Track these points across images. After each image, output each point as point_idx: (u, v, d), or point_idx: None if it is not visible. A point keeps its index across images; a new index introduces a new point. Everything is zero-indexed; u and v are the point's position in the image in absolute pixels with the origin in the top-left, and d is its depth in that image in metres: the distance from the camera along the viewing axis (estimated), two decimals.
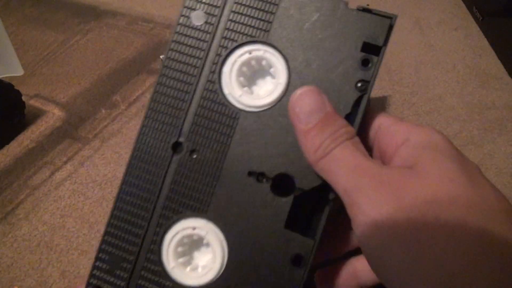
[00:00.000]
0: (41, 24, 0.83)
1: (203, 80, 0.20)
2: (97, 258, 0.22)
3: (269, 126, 0.19)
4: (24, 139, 0.59)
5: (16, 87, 0.59)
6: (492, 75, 0.61)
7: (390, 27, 0.19)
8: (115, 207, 0.21)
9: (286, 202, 0.19)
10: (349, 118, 0.19)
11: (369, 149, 0.20)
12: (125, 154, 0.55)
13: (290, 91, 0.19)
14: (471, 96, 0.58)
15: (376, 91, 0.61)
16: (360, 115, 0.19)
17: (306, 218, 0.20)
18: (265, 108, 0.20)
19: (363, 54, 0.19)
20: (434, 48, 0.67)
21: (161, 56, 0.45)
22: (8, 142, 0.59)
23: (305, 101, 0.18)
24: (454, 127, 0.54)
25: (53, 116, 0.63)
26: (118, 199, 0.21)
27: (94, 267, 0.22)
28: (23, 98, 0.61)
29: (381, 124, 0.19)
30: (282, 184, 0.19)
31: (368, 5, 0.20)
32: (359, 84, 0.19)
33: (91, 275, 0.22)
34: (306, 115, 0.18)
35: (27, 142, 0.59)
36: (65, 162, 0.55)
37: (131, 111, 0.62)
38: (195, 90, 0.20)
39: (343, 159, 0.17)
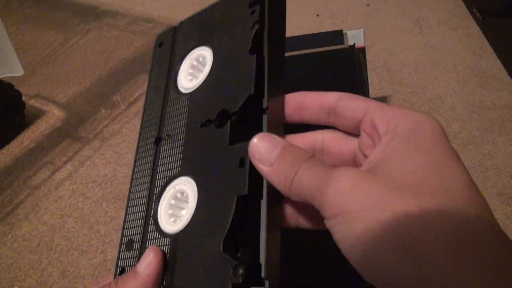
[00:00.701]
0: (41, 24, 0.83)
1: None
2: (121, 244, 0.25)
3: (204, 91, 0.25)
4: (24, 139, 0.59)
5: (16, 87, 0.59)
6: (492, 75, 0.61)
7: None
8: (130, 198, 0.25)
9: (225, 127, 0.22)
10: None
11: (356, 132, 0.21)
12: (125, 154, 0.55)
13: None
14: (471, 96, 0.58)
15: (376, 91, 0.61)
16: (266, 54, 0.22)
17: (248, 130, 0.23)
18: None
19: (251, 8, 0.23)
20: (434, 48, 0.67)
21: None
22: (8, 142, 0.59)
23: (261, 146, 0.20)
24: (454, 127, 0.54)
25: (53, 116, 0.63)
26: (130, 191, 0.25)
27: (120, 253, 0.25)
28: (23, 98, 0.61)
29: (370, 106, 0.20)
30: (223, 120, 0.23)
31: (368, 5, 0.20)
32: (252, 26, 0.23)
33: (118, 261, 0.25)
34: (265, 157, 0.19)
35: (27, 142, 0.59)
36: (65, 162, 0.55)
37: (131, 111, 0.62)
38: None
39: (305, 174, 0.18)
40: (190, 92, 0.25)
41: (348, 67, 0.45)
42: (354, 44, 0.45)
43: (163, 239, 0.22)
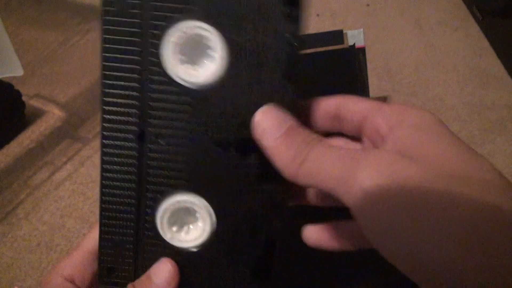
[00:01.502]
0: (41, 24, 0.83)
1: (147, 63, 0.21)
2: (100, 245, 0.23)
3: (219, 97, 0.21)
4: (24, 139, 0.59)
5: (16, 87, 0.59)
6: (492, 75, 0.61)
7: None
8: (102, 201, 0.22)
9: (248, 158, 0.21)
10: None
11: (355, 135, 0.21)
12: None
13: (230, 62, 0.21)
14: (471, 96, 0.58)
15: (376, 91, 0.61)
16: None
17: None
18: (209, 83, 0.21)
19: (287, 8, 0.21)
20: (434, 48, 0.67)
21: None
22: (8, 142, 0.59)
23: (266, 119, 0.18)
24: (454, 127, 0.54)
25: (53, 116, 0.63)
26: (102, 193, 0.22)
27: (100, 252, 0.23)
28: (23, 98, 0.61)
29: (369, 108, 0.19)
30: (245, 147, 0.21)
31: (368, 5, 0.20)
32: (289, 37, 0.21)
33: (100, 259, 0.23)
34: (270, 131, 0.18)
35: (27, 142, 0.59)
36: (65, 162, 0.55)
37: None
38: (142, 78, 0.21)
39: (324, 156, 0.17)
40: (192, 85, 0.21)
41: (348, 67, 0.45)
42: (354, 44, 0.45)
43: (165, 248, 0.22)
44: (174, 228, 0.23)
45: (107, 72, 0.21)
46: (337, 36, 0.45)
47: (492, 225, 0.14)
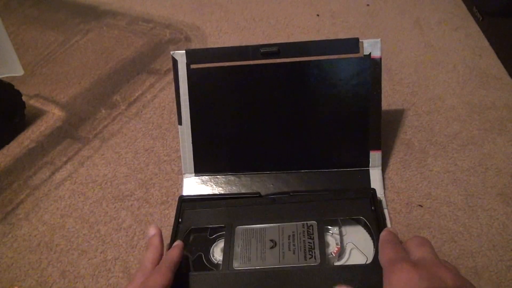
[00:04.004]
0: (41, 24, 0.83)
1: None
2: None
3: None
4: (24, 139, 0.59)
5: (16, 87, 0.59)
6: (492, 75, 0.61)
7: None
8: None
9: None
10: None
11: None
12: (125, 154, 0.55)
13: None
14: (471, 96, 0.58)
15: None
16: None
17: None
18: None
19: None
20: (434, 48, 0.67)
21: None
22: (8, 142, 0.59)
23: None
24: (454, 127, 0.54)
25: (53, 116, 0.63)
26: None
27: None
28: (23, 98, 0.61)
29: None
30: None
31: (368, 5, 0.20)
32: None
33: None
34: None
35: (27, 142, 0.59)
36: (65, 162, 0.55)
37: (131, 111, 0.62)
38: None
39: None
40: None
41: (362, 76, 0.45)
42: (370, 53, 0.45)
43: None
44: None
45: None
46: (353, 44, 0.45)
47: None
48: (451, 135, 0.53)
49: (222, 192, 0.47)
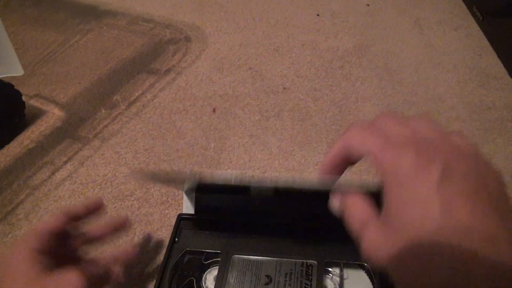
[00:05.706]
0: (41, 24, 0.83)
1: None
2: None
3: None
4: (24, 139, 0.59)
5: (16, 87, 0.59)
6: (492, 75, 0.61)
7: None
8: None
9: None
10: None
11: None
12: (125, 154, 0.55)
13: None
14: (471, 96, 0.58)
15: (376, 91, 0.60)
16: None
17: None
18: None
19: None
20: (434, 48, 0.67)
21: None
22: (8, 142, 0.59)
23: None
24: (454, 127, 0.54)
25: (53, 116, 0.63)
26: None
27: None
28: (23, 98, 0.61)
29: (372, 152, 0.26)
30: None
31: (368, 5, 0.20)
32: None
33: None
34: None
35: (27, 142, 0.59)
36: (65, 162, 0.55)
37: (131, 111, 0.62)
38: None
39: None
40: None
41: None
42: None
43: None
44: None
45: None
46: None
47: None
48: None
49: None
